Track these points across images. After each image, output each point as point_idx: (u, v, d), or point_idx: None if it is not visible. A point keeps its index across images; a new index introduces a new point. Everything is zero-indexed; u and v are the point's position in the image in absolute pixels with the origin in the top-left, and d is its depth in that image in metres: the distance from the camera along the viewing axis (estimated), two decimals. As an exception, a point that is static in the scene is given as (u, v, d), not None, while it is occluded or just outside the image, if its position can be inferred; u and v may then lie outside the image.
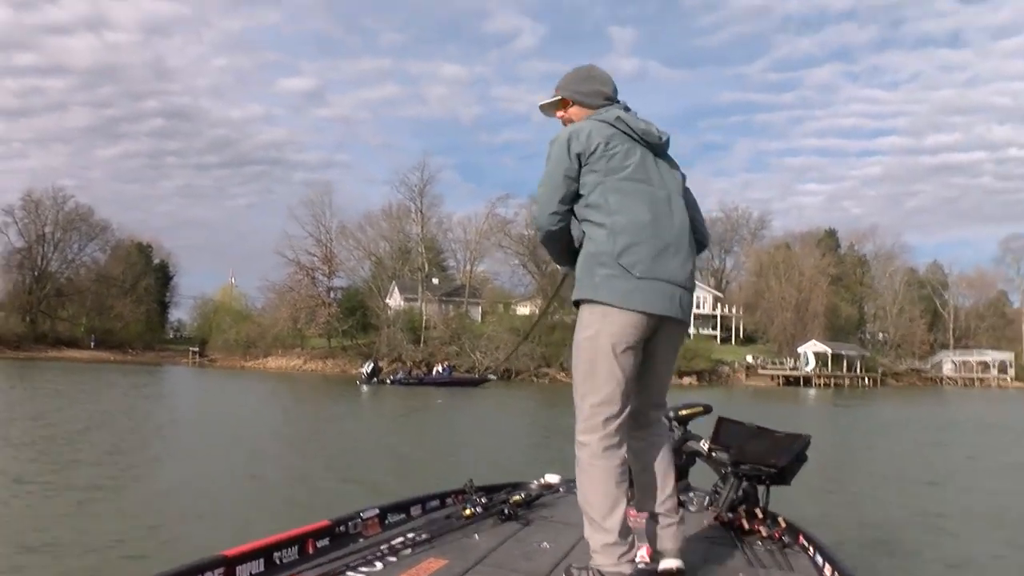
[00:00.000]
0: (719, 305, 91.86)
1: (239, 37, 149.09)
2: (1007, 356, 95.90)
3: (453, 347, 67.33)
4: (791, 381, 74.21)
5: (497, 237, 78.79)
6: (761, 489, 4.25)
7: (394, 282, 78.33)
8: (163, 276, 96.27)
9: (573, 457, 3.16)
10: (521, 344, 60.55)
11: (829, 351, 79.05)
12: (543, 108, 3.63)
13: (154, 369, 58.88)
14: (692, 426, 4.86)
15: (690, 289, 3.28)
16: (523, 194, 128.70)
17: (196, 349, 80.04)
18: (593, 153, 3.22)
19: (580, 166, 3.23)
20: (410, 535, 3.50)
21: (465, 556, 3.24)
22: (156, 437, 15.70)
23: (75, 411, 20.41)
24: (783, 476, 4.23)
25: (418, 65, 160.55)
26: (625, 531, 3.05)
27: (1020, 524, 9.18)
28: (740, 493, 4.27)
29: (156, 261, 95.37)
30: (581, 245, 3.33)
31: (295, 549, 3.20)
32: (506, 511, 3.96)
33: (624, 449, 3.17)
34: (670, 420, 4.75)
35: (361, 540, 3.54)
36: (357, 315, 72.34)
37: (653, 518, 3.33)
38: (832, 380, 76.44)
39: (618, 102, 3.49)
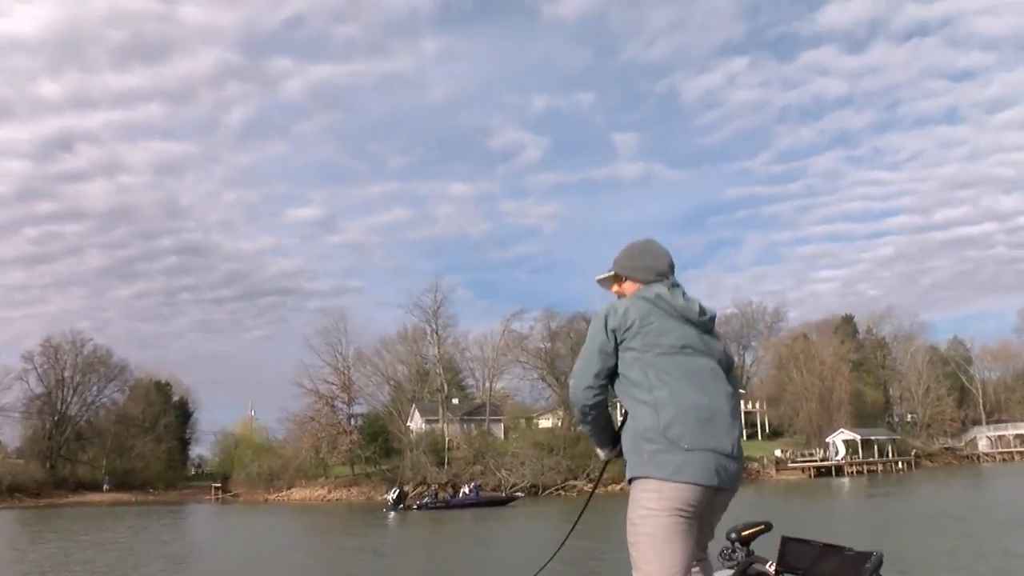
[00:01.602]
0: (742, 402, 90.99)
1: (248, 171, 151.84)
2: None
3: (478, 466, 66.54)
4: (823, 472, 72.83)
5: (514, 352, 78.76)
6: None
7: (414, 405, 77.95)
8: (182, 413, 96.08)
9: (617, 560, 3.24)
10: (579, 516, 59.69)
11: (859, 438, 77.84)
12: (600, 282, 3.79)
13: (176, 508, 58.25)
14: (755, 546, 4.66)
15: (737, 458, 3.30)
16: (537, 307, 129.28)
17: (219, 485, 79.34)
18: (629, 329, 3.32)
19: (616, 342, 3.34)
20: None
21: None
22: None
23: (94, 559, 20.03)
24: None
25: (425, 186, 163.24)
26: None
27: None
28: None
29: (175, 398, 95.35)
30: (621, 427, 3.44)
31: None
32: None
33: None
34: (732, 542, 4.58)
35: None
36: (379, 441, 71.87)
37: None
38: (865, 467, 75.01)
39: (669, 277, 3.59)
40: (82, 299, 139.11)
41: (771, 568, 4.51)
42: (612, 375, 3.38)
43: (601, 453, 3.67)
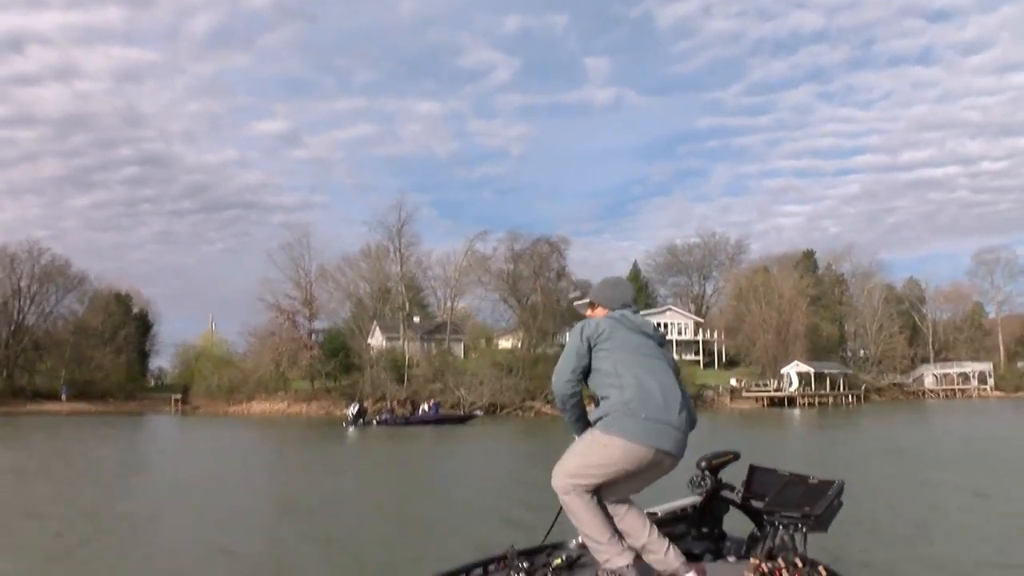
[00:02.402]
0: (700, 330, 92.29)
1: (211, 81, 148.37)
2: (986, 367, 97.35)
3: (437, 384, 67.17)
4: (776, 402, 74.45)
5: (477, 273, 78.95)
6: (798, 536, 4.27)
7: (375, 322, 78.17)
8: (143, 325, 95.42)
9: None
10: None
11: (812, 371, 79.46)
12: (576, 306, 4.78)
13: (136, 419, 58.30)
14: (723, 474, 4.89)
15: (685, 431, 4.10)
16: (501, 229, 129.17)
17: (179, 396, 79.33)
18: (600, 336, 4.20)
19: (590, 347, 4.20)
20: None
21: None
22: (139, 495, 15.40)
23: (53, 466, 20.16)
24: (821, 523, 4.25)
25: (392, 103, 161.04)
26: (616, 540, 3.97)
27: None
28: (778, 541, 4.28)
29: (135, 310, 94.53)
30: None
31: None
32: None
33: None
34: (702, 470, 4.80)
35: None
36: (339, 356, 72.10)
37: (647, 552, 4.03)
38: (816, 399, 76.70)
39: (631, 306, 4.51)
40: (38, 208, 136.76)
41: (738, 495, 4.76)
42: (586, 374, 4.21)
43: (577, 437, 4.29)
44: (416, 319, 78.85)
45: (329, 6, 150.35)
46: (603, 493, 4.10)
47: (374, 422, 49.23)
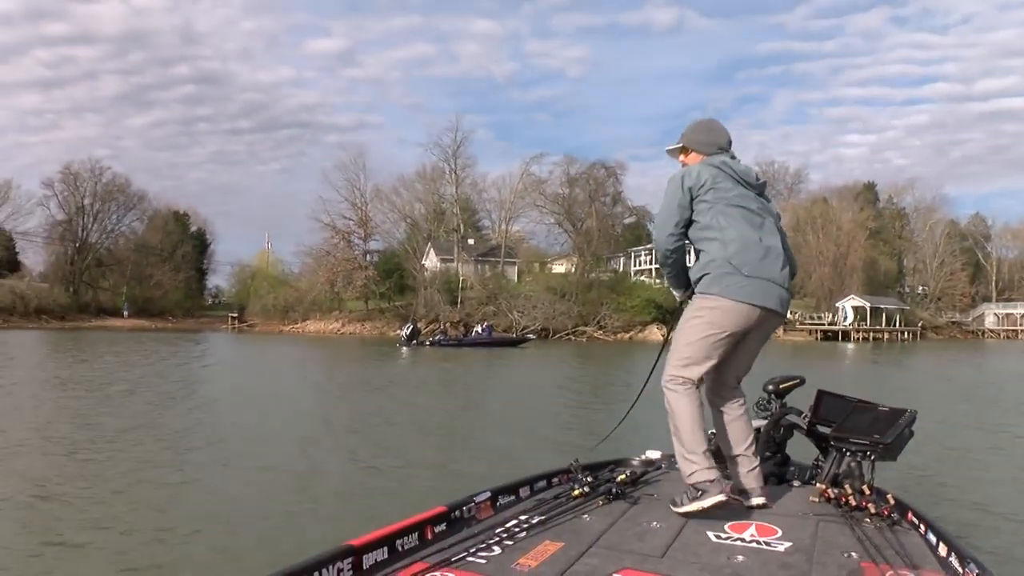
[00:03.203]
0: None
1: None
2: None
3: (490, 307, 67.61)
4: (829, 336, 73.83)
5: (532, 196, 78.65)
6: (866, 465, 4.20)
7: (430, 244, 78.58)
8: (200, 244, 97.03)
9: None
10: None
11: (868, 305, 78.51)
12: (669, 152, 4.43)
13: (194, 336, 59.53)
14: (788, 399, 4.83)
15: (787, 288, 3.98)
16: (557, 152, 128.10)
17: (235, 315, 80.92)
18: (702, 187, 3.97)
19: (692, 198, 3.99)
20: (523, 517, 3.55)
21: (579, 538, 3.28)
22: (213, 416, 15.74)
23: (129, 376, 20.72)
24: (890, 452, 4.14)
25: (449, 21, 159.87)
26: (708, 456, 3.79)
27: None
28: (844, 468, 4.22)
29: (193, 229, 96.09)
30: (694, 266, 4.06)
31: (415, 536, 3.25)
32: (614, 490, 3.99)
33: (697, 384, 3.91)
34: (769, 393, 4.74)
35: (476, 524, 3.58)
36: (394, 277, 72.79)
37: (734, 462, 4.04)
38: (871, 334, 75.96)
39: (728, 151, 4.22)
40: (98, 126, 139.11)
41: (804, 420, 4.68)
42: (688, 224, 4.02)
43: (677, 294, 4.32)
44: (471, 241, 79.10)
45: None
46: (716, 378, 4.08)
47: (427, 343, 49.69)
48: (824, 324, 76.43)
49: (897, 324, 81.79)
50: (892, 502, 3.84)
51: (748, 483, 3.96)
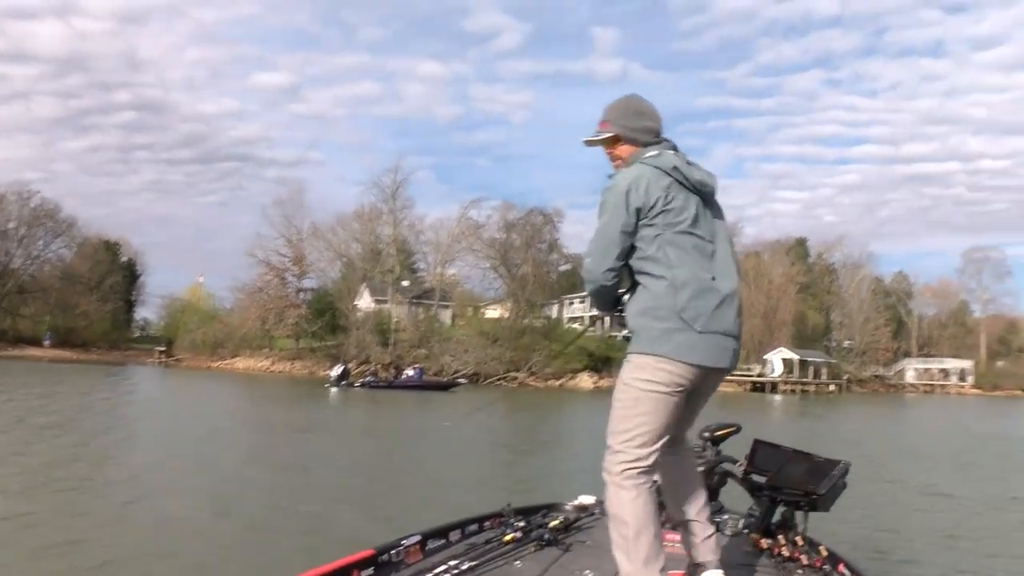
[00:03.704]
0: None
1: (215, 28, 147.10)
2: (966, 364, 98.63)
3: (422, 350, 67.16)
4: (758, 387, 74.76)
5: (469, 240, 78.56)
6: (799, 515, 4.22)
7: (364, 284, 77.98)
8: (130, 274, 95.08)
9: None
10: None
11: (796, 358, 79.81)
12: (589, 143, 3.57)
13: (118, 369, 58.14)
14: (724, 446, 4.84)
15: (739, 338, 3.41)
16: (496, 197, 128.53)
17: (162, 348, 79.20)
18: (653, 207, 3.24)
19: (638, 220, 3.25)
20: (453, 562, 3.49)
21: None
22: (119, 452, 15.32)
23: (32, 413, 20.06)
24: (824, 502, 4.15)
25: (396, 62, 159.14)
26: (655, 554, 3.16)
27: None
28: (778, 518, 4.23)
29: (124, 259, 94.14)
30: (627, 293, 3.42)
31: None
32: (545, 536, 3.94)
33: (655, 475, 3.30)
34: (705, 440, 4.75)
35: (404, 568, 3.53)
36: (326, 317, 72.03)
37: (687, 529, 3.54)
38: (799, 387, 77.10)
39: (666, 140, 3.50)
40: (31, 148, 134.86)
41: (739, 468, 4.70)
42: (631, 252, 3.33)
43: (600, 312, 3.61)
44: (405, 283, 78.65)
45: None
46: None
47: (357, 384, 49.14)
48: (754, 375, 77.39)
49: (824, 377, 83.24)
50: (824, 553, 3.86)
51: (704, 555, 3.49)
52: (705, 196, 3.39)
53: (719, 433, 4.80)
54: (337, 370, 50.37)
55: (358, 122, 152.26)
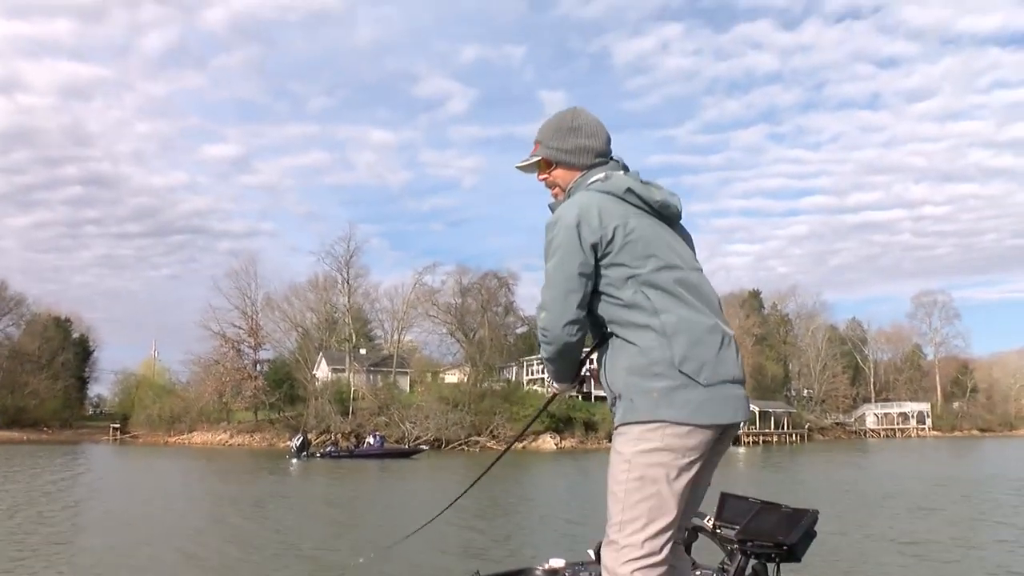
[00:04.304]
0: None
1: (163, 102, 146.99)
2: (924, 407, 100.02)
3: (382, 418, 66.46)
4: (720, 441, 74.87)
5: (424, 306, 78.51)
6: (771, 567, 4.15)
7: (321, 353, 77.39)
8: (82, 350, 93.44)
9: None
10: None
11: (757, 410, 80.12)
12: (522, 169, 3.06)
13: (71, 449, 56.80)
14: None
15: (744, 383, 2.81)
16: (450, 262, 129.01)
17: (117, 425, 77.70)
18: (612, 241, 2.65)
19: (597, 259, 2.67)
20: None
21: None
22: (67, 532, 14.85)
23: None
24: (793, 553, 4.08)
25: (346, 130, 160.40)
26: None
27: None
28: (749, 571, 4.17)
29: (75, 335, 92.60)
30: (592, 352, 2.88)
31: None
32: None
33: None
34: None
35: None
36: (284, 387, 71.25)
37: None
38: (761, 438, 77.41)
39: (613, 159, 2.96)
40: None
41: (709, 522, 4.64)
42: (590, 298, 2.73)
43: (558, 387, 3.08)
44: (362, 351, 78.21)
45: (287, 30, 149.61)
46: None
47: (318, 454, 48.60)
48: (715, 429, 77.45)
49: (785, 427, 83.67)
50: None
51: None
52: (670, 220, 2.87)
53: None
54: (297, 441, 49.79)
55: (309, 191, 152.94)
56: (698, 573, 4.52)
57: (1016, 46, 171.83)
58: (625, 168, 2.94)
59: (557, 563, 4.85)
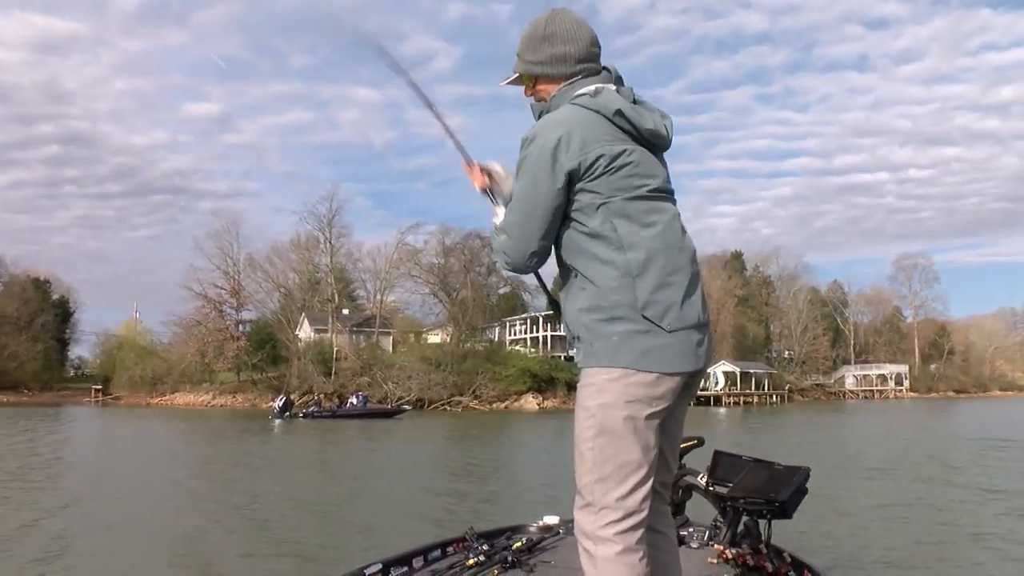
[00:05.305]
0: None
1: (142, 58, 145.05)
2: (902, 368, 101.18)
3: (365, 378, 66.61)
4: (701, 401, 75.25)
5: (407, 266, 78.51)
6: (763, 523, 4.20)
7: (304, 314, 77.35)
8: (62, 312, 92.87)
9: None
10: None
11: (738, 370, 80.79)
12: (508, 85, 2.80)
13: (52, 411, 56.66)
14: (687, 459, 4.82)
15: (708, 326, 2.61)
16: (434, 221, 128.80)
17: (99, 387, 77.56)
18: (591, 169, 2.44)
19: (571, 185, 2.46)
20: None
21: None
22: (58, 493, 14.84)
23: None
24: (785, 510, 4.13)
25: (329, 89, 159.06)
26: None
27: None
28: (742, 527, 4.22)
29: (55, 296, 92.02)
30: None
31: None
32: (509, 558, 3.89)
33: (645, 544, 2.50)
34: None
35: None
36: (267, 348, 71.15)
37: None
38: (741, 398, 78.12)
39: (605, 69, 2.69)
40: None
41: (702, 480, 4.68)
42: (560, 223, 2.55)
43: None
44: (345, 311, 78.12)
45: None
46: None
47: (300, 415, 48.70)
48: (696, 389, 78.09)
49: (766, 388, 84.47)
50: (789, 560, 3.86)
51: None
52: (657, 148, 2.63)
53: (682, 446, 4.78)
54: (280, 401, 49.91)
55: (292, 150, 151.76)
56: (691, 530, 4.58)
57: (1006, 8, 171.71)
58: (619, 80, 2.69)
59: (551, 520, 4.91)
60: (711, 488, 4.60)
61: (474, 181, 2.86)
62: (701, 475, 4.71)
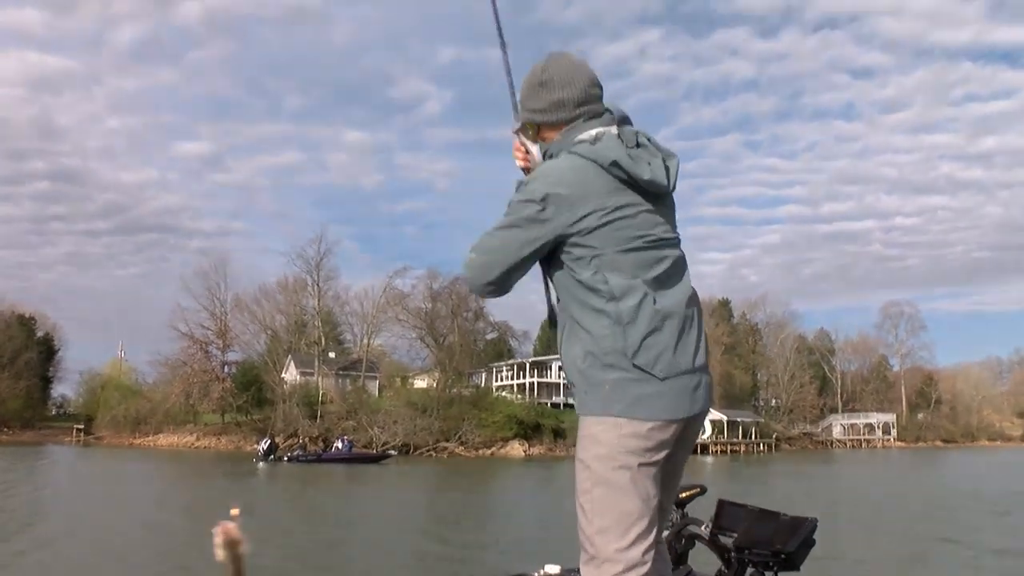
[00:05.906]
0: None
1: (134, 97, 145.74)
2: (889, 418, 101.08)
3: (350, 422, 66.15)
4: (689, 449, 75.19)
5: (394, 310, 78.26)
6: (768, 575, 4.10)
7: (290, 356, 76.95)
8: (47, 350, 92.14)
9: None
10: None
11: (725, 419, 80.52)
12: (517, 135, 2.77)
13: (32, 451, 55.90)
14: (689, 508, 4.72)
15: (708, 370, 2.54)
16: (421, 266, 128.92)
17: (81, 427, 76.70)
18: (580, 222, 2.40)
19: (556, 239, 2.43)
20: None
21: None
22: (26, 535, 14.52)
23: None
24: (792, 561, 4.04)
25: (320, 131, 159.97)
26: None
27: None
28: None
29: (39, 334, 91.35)
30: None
31: None
32: None
33: None
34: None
35: None
36: (252, 390, 70.65)
37: None
38: (729, 447, 77.77)
39: (608, 111, 2.64)
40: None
41: (706, 530, 4.58)
42: (525, 268, 2.52)
43: None
44: (332, 355, 77.78)
45: (262, 27, 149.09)
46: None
47: (285, 458, 48.19)
48: (683, 437, 77.74)
49: (753, 437, 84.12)
50: None
51: None
52: (662, 196, 2.62)
53: (684, 495, 4.67)
54: (264, 444, 49.50)
55: (282, 192, 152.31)
56: None
57: (986, 60, 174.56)
58: (624, 120, 2.64)
59: (552, 569, 4.77)
60: (716, 538, 4.50)
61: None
62: (704, 524, 4.61)
